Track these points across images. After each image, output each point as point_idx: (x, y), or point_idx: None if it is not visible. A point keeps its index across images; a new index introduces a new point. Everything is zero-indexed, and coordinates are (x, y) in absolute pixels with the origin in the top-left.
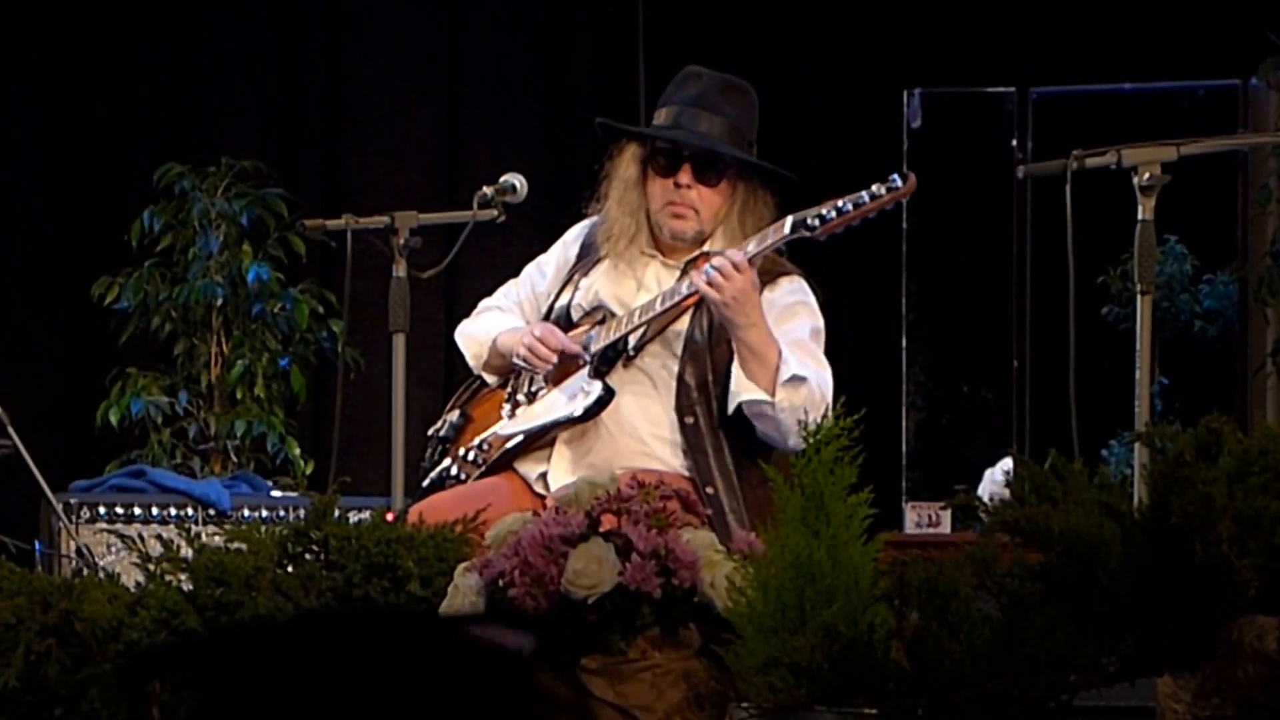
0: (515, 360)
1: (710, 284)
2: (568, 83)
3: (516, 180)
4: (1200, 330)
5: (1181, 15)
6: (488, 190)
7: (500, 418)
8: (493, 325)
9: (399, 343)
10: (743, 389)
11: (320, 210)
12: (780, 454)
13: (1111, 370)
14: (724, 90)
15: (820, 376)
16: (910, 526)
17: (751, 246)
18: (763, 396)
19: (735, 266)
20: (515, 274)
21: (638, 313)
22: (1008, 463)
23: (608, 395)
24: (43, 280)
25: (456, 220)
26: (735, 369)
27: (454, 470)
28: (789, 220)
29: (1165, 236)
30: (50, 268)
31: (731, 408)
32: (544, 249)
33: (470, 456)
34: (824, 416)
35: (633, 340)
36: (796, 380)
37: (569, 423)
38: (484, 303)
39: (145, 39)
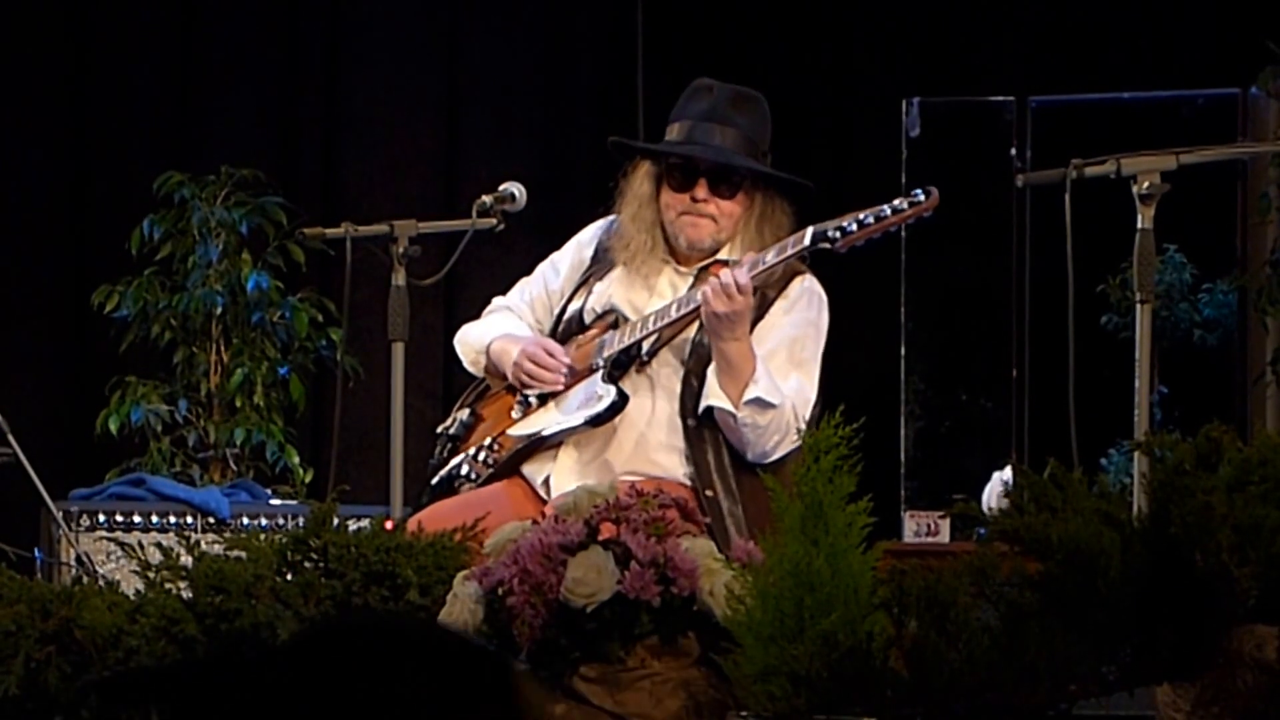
0: (515, 384)
1: (714, 292)
2: (567, 91)
3: (515, 189)
4: (1199, 339)
5: (1181, 24)
6: (487, 199)
7: (511, 418)
8: (488, 331)
9: (398, 351)
10: (711, 395)
11: (320, 219)
12: (780, 463)
13: (1111, 379)
14: (735, 102)
15: (799, 396)
16: (909, 535)
17: (771, 256)
18: (728, 407)
19: (739, 288)
20: (514, 283)
21: (652, 319)
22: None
23: (621, 401)
24: (43, 288)
25: (456, 229)
26: (710, 374)
27: (464, 469)
28: (810, 231)
29: (1164, 245)
30: (50, 276)
31: (700, 409)
32: (543, 257)
33: (481, 456)
34: (798, 432)
35: (646, 346)
36: (762, 403)
37: (582, 428)
38: (496, 301)
39: (145, 47)
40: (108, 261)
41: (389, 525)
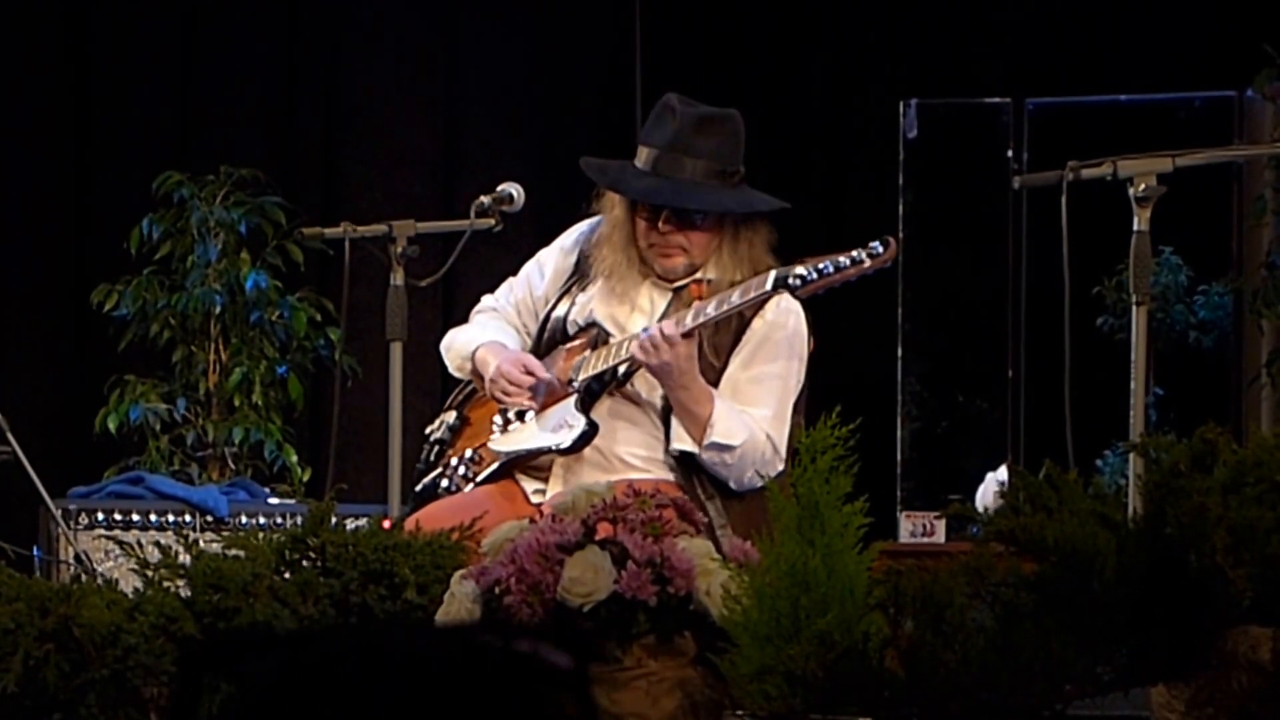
0: (490, 398)
1: (642, 348)
2: (565, 92)
3: (514, 189)
4: (1195, 341)
5: (1177, 27)
6: (485, 199)
7: (493, 429)
8: (474, 337)
9: (396, 351)
10: (676, 439)
11: (318, 219)
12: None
13: (1106, 381)
14: (700, 127)
15: (774, 423)
16: (905, 536)
17: (735, 298)
18: (692, 449)
19: (668, 340)
20: None
21: (626, 344)
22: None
23: (591, 431)
24: (42, 287)
25: (454, 229)
26: (673, 418)
27: (444, 483)
28: (771, 275)
29: (1160, 247)
30: (50, 275)
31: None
32: None
33: (461, 470)
34: (778, 458)
35: (622, 370)
36: (720, 446)
37: (553, 453)
38: (485, 300)
39: (145, 47)
40: (107, 261)
41: (386, 524)
